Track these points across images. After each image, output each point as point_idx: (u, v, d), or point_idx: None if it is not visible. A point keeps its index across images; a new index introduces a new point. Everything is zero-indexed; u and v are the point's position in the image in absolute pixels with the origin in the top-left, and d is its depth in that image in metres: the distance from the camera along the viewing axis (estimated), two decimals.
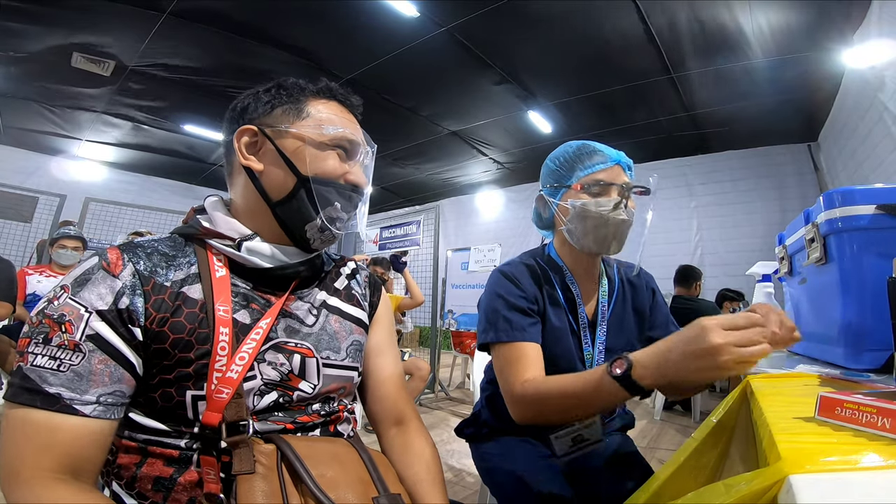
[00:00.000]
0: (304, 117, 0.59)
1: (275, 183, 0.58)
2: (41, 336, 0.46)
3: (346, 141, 0.60)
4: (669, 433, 2.84)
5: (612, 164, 0.85)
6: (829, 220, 0.75)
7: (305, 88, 0.62)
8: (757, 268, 1.28)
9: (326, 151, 0.59)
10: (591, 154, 0.85)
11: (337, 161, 0.60)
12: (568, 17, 3.31)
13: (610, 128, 5.13)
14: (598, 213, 0.81)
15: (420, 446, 0.66)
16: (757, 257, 1.48)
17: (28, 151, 5.90)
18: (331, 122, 0.60)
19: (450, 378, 4.51)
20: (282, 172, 0.58)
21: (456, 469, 2.19)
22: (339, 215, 0.60)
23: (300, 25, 3.53)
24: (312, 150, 0.58)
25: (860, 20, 2.99)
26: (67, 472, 0.44)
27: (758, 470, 0.33)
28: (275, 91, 0.61)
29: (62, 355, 0.46)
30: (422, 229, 4.78)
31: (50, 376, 0.45)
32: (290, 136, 0.58)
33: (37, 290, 2.74)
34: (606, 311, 0.90)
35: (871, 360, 0.69)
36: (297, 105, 0.60)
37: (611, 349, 0.88)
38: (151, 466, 0.50)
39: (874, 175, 3.22)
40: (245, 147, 0.59)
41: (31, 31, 3.48)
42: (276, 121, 0.59)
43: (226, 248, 0.57)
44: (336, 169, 0.59)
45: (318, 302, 0.64)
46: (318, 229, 0.59)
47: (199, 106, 4.79)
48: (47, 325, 0.47)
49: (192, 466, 0.50)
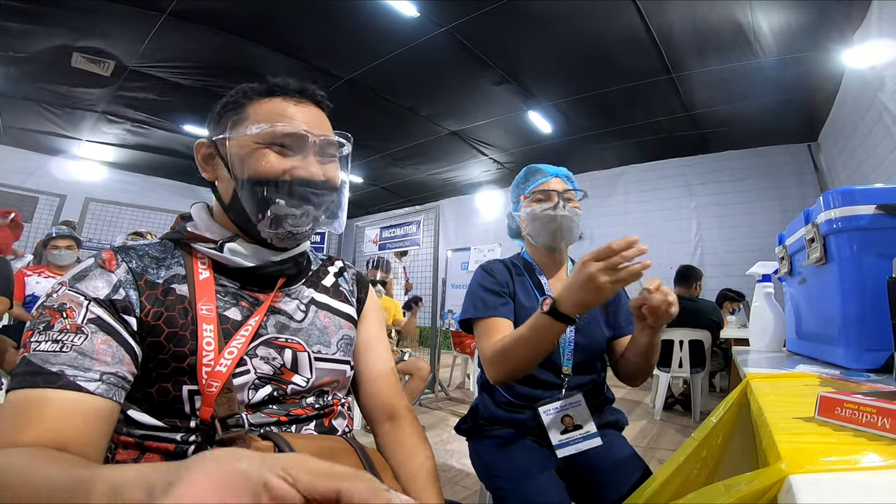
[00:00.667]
0: (242, 121, 0.60)
1: (224, 189, 0.61)
2: (42, 325, 0.47)
3: (282, 136, 0.58)
4: (669, 433, 2.84)
5: (552, 177, 1.04)
6: (828, 220, 0.75)
7: (249, 91, 0.61)
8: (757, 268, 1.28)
9: (259, 150, 0.58)
10: (535, 173, 1.07)
11: (275, 158, 0.58)
12: (568, 17, 3.31)
13: (610, 128, 5.13)
14: (543, 214, 1.01)
15: (413, 443, 0.67)
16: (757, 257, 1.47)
17: (28, 151, 5.91)
18: (264, 121, 0.58)
19: (450, 378, 4.51)
20: (226, 178, 0.60)
21: (456, 469, 2.19)
22: (287, 212, 0.58)
23: (300, 26, 3.53)
24: (243, 152, 0.58)
25: (860, 20, 2.99)
26: (58, 446, 0.42)
27: (758, 470, 0.33)
28: (225, 101, 0.63)
29: (65, 338, 0.47)
30: (422, 229, 4.78)
31: (52, 357, 0.46)
32: (228, 142, 0.59)
33: (35, 290, 2.74)
34: None
35: (871, 360, 0.69)
36: (238, 111, 0.60)
37: (581, 330, 1.01)
38: (150, 462, 0.51)
39: (874, 175, 3.22)
40: (203, 160, 0.63)
41: (31, 31, 3.48)
42: (221, 130, 0.61)
43: (209, 250, 0.59)
44: (273, 166, 0.57)
45: (306, 298, 0.66)
46: (269, 228, 0.58)
47: (199, 106, 4.79)
48: (48, 314, 0.48)
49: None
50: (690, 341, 3.08)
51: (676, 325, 3.11)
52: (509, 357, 0.84)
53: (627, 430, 1.07)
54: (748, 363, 0.96)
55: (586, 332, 1.00)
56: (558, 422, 0.92)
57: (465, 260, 4.92)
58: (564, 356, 0.98)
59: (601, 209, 6.31)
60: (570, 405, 0.93)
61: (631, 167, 6.18)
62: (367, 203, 8.55)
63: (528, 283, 1.05)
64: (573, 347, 0.98)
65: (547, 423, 0.92)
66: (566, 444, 0.91)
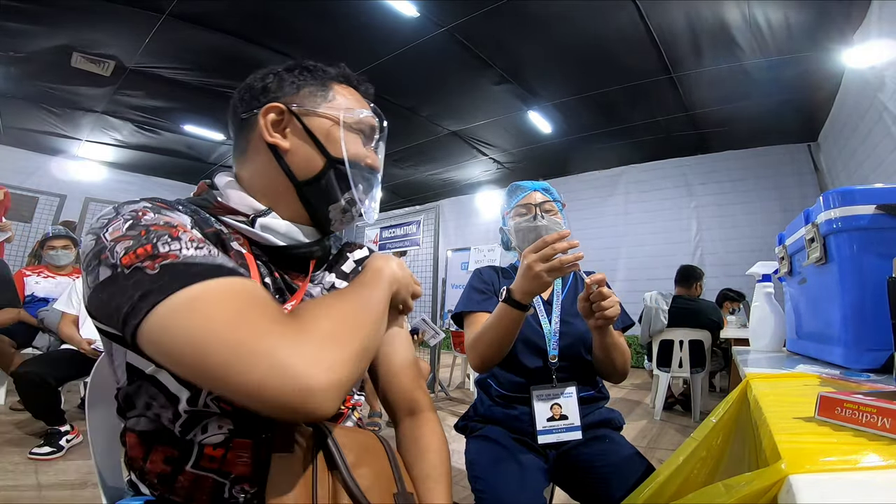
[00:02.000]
0: (330, 100, 0.61)
1: (302, 162, 0.58)
2: (165, 236, 0.43)
3: (369, 126, 0.63)
4: (669, 433, 2.84)
5: (530, 192, 1.12)
6: (828, 220, 0.75)
7: (328, 71, 0.63)
8: (757, 268, 1.28)
9: (354, 134, 0.61)
10: (516, 190, 1.15)
11: (361, 144, 0.62)
12: (568, 16, 3.31)
13: (609, 128, 5.13)
14: (524, 225, 1.08)
15: (428, 441, 0.65)
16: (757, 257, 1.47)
17: (28, 151, 5.91)
18: (356, 106, 0.62)
19: (450, 378, 4.50)
20: (311, 152, 0.58)
21: (456, 469, 2.18)
22: (360, 197, 0.61)
23: (300, 26, 3.53)
24: (343, 133, 0.59)
25: (860, 20, 2.99)
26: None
27: (758, 470, 0.33)
28: (298, 72, 0.62)
29: (198, 248, 0.43)
30: (422, 229, 4.78)
31: (203, 259, 0.42)
32: (319, 116, 0.59)
33: (35, 290, 2.73)
34: (560, 294, 1.14)
35: (871, 360, 0.69)
36: (323, 88, 0.61)
37: (565, 320, 1.08)
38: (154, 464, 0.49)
39: (874, 175, 3.22)
40: (271, 124, 0.58)
41: (31, 31, 3.48)
42: (304, 101, 0.60)
43: (240, 224, 0.56)
44: (362, 152, 0.61)
45: (328, 284, 0.64)
46: (341, 210, 0.60)
47: (199, 106, 4.79)
48: (161, 230, 0.43)
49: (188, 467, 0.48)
50: (690, 341, 3.08)
51: (677, 326, 3.11)
52: (482, 342, 0.95)
53: (627, 430, 1.07)
54: (748, 363, 0.96)
55: (568, 322, 1.08)
56: (547, 409, 0.99)
57: (465, 260, 4.93)
58: (551, 345, 1.04)
59: (601, 209, 6.31)
60: (561, 394, 1.00)
61: (631, 167, 6.18)
62: None
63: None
64: (558, 337, 1.05)
65: (537, 408, 0.99)
66: (549, 431, 0.98)
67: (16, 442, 2.14)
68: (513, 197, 1.15)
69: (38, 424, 2.20)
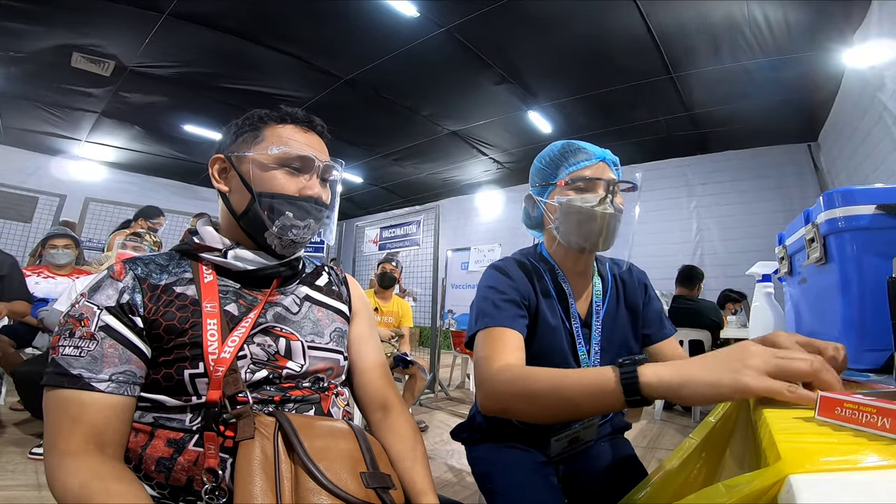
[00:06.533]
0: (259, 142, 0.69)
1: (237, 200, 0.69)
2: (67, 332, 0.58)
3: (295, 158, 0.68)
4: (669, 433, 2.84)
5: (597, 161, 0.84)
6: (829, 220, 0.75)
7: (265, 117, 0.71)
8: (757, 268, 1.27)
9: (275, 170, 0.67)
10: (575, 152, 0.85)
11: (287, 177, 0.68)
12: (568, 16, 3.31)
13: (610, 127, 5.13)
14: (584, 209, 0.80)
15: (403, 427, 0.73)
16: (757, 257, 1.47)
17: (28, 151, 5.91)
18: (282, 144, 0.68)
19: (450, 378, 4.50)
20: (241, 191, 0.68)
21: (456, 469, 2.19)
22: (293, 223, 0.68)
23: (300, 26, 3.53)
24: (260, 170, 0.67)
25: (860, 20, 2.99)
26: (94, 442, 0.54)
27: (758, 470, 0.33)
28: (242, 122, 0.71)
29: (82, 344, 0.57)
30: (422, 229, 4.79)
31: (73, 361, 0.56)
32: (246, 159, 0.68)
33: (35, 291, 2.73)
34: (601, 309, 0.89)
35: (871, 360, 0.69)
36: (256, 132, 0.70)
37: (605, 348, 0.86)
38: (155, 448, 0.57)
39: (874, 175, 3.22)
40: (217, 173, 0.71)
41: (30, 31, 3.48)
42: (238, 148, 0.69)
43: (214, 258, 0.68)
44: (287, 184, 0.68)
45: (301, 294, 0.74)
46: (276, 236, 0.68)
47: (199, 106, 4.79)
48: (71, 323, 0.59)
49: (190, 445, 0.57)
50: (690, 341, 3.08)
51: (677, 325, 3.10)
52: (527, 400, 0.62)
53: (628, 431, 1.07)
54: None
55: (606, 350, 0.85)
56: (564, 443, 0.86)
57: (465, 260, 4.93)
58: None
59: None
60: (583, 427, 0.85)
61: (631, 167, 6.17)
62: (367, 203, 8.55)
63: (550, 291, 0.88)
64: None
65: (553, 449, 0.85)
66: (563, 453, 0.89)
67: (16, 442, 2.13)
68: (569, 160, 0.84)
69: (38, 424, 2.20)
